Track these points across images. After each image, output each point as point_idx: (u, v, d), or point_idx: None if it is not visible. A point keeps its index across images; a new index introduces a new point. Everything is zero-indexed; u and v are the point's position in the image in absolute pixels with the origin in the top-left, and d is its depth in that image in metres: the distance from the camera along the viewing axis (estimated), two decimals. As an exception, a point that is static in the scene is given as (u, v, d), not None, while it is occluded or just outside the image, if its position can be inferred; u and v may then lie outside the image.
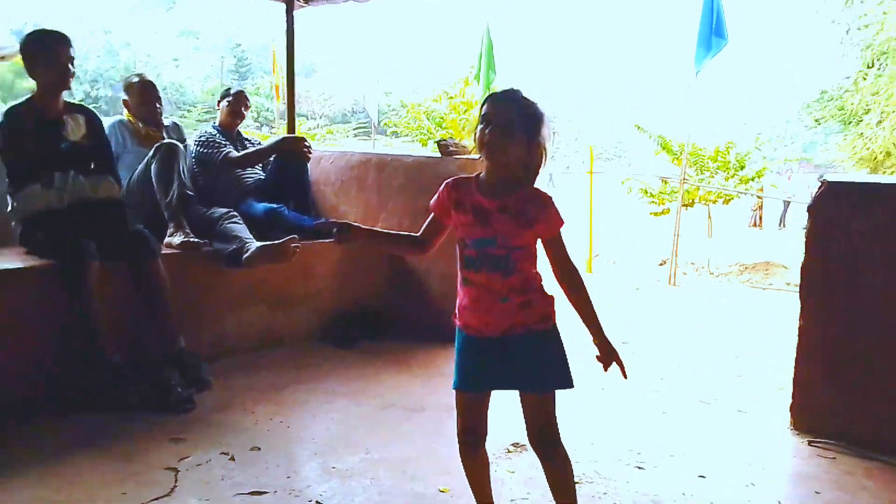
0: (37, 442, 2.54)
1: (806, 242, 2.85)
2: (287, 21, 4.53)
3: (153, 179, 3.39)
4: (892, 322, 2.69)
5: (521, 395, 1.84)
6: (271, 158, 4.07)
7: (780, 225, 19.59)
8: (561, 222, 1.79)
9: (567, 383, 1.82)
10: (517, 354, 1.79)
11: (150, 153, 3.42)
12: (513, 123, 1.73)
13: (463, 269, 1.82)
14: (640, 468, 2.54)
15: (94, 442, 2.54)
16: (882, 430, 2.70)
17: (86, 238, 2.88)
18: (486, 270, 1.76)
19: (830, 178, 2.82)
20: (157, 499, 2.15)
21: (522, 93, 1.79)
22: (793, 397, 2.95)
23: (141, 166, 3.44)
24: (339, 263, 4.02)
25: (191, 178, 3.64)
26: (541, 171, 1.82)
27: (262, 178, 4.09)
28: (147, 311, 3.06)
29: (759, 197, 16.65)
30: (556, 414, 1.83)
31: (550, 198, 1.78)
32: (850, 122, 19.01)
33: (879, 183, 2.80)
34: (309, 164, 4.18)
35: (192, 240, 3.33)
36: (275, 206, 3.83)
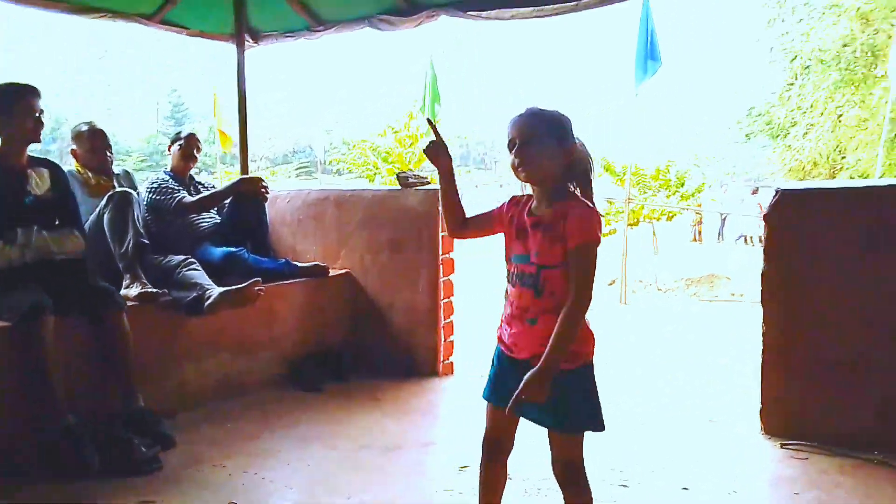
0: (-6, 515, 2.38)
1: (764, 249, 2.95)
2: (238, 62, 4.50)
3: (106, 229, 3.28)
4: (850, 321, 2.80)
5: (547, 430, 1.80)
6: (226, 202, 4.00)
7: (718, 238, 20.27)
8: (590, 235, 1.65)
9: (590, 425, 1.76)
10: None
11: (103, 202, 3.31)
12: (537, 135, 1.70)
13: (507, 282, 1.83)
14: (624, 486, 2.54)
15: (56, 511, 2.39)
16: (850, 427, 2.79)
17: (42, 293, 2.76)
18: (520, 286, 1.76)
19: (784, 186, 2.93)
20: (133, 565, 2.03)
21: (539, 106, 1.77)
22: (762, 402, 3.02)
23: (93, 217, 3.33)
24: (302, 305, 3.95)
25: (143, 226, 3.54)
26: (592, 170, 1.77)
27: (218, 221, 4.01)
28: (107, 368, 2.93)
29: (697, 213, 17.22)
30: (582, 454, 1.79)
31: (588, 209, 1.69)
32: (777, 136, 19.95)
33: (830, 188, 2.93)
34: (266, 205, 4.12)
35: (149, 290, 3.22)
36: (233, 249, 3.74)
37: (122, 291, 3.22)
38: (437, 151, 1.89)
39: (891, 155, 14.02)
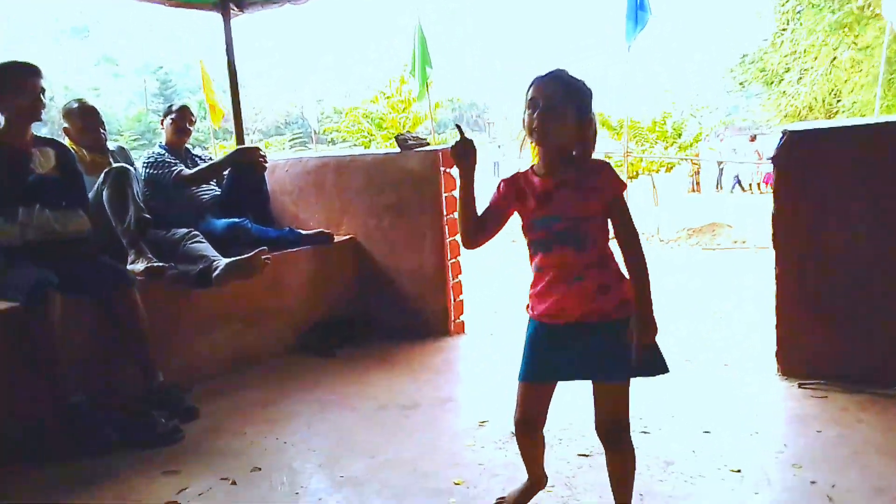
0: (19, 495, 2.37)
1: (774, 192, 2.92)
2: (225, 31, 4.40)
3: (106, 206, 3.23)
4: (862, 259, 2.78)
5: (593, 385, 1.78)
6: (225, 173, 3.94)
7: (716, 187, 20.23)
8: (622, 185, 1.73)
9: (652, 369, 1.74)
10: (592, 342, 1.72)
11: (100, 179, 3.26)
12: (560, 104, 1.68)
13: (534, 255, 1.78)
14: (645, 433, 2.55)
15: (81, 488, 2.38)
16: (867, 364, 2.79)
17: (47, 271, 2.73)
18: (559, 246, 1.72)
19: (791, 127, 2.89)
20: (163, 535, 2.04)
21: (568, 72, 1.74)
22: (777, 344, 3.02)
23: (91, 194, 3.27)
24: (309, 273, 3.92)
25: (143, 201, 3.49)
26: (595, 144, 1.77)
27: (218, 193, 3.96)
28: (123, 345, 2.92)
29: (695, 163, 17.13)
30: (629, 410, 1.77)
31: (608, 164, 1.76)
32: (772, 82, 19.74)
33: (838, 127, 2.89)
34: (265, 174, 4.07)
35: (155, 265, 3.18)
36: (236, 220, 3.70)
37: (128, 267, 3.19)
38: (467, 151, 1.78)
39: (887, 95, 13.88)
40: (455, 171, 1.85)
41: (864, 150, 2.76)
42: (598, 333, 1.72)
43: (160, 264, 3.21)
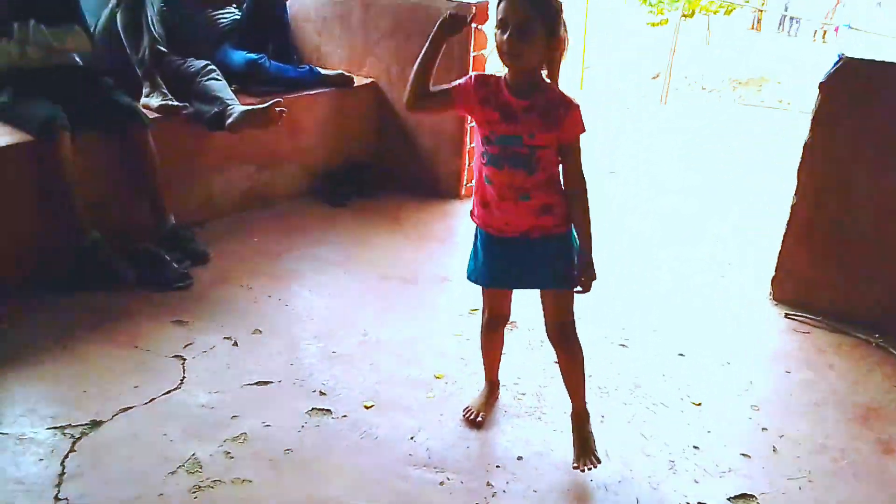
0: (37, 327, 2.51)
1: (813, 119, 2.75)
2: None
3: (121, 32, 3.12)
4: (883, 204, 2.70)
5: (541, 293, 1.96)
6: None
7: (779, 28, 18.87)
8: (582, 129, 1.78)
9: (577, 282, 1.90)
10: (536, 255, 1.87)
11: (114, 1, 3.11)
12: (531, 23, 1.66)
13: (485, 166, 1.83)
14: (623, 346, 2.66)
15: (96, 325, 2.54)
16: (860, 307, 2.81)
17: (55, 107, 2.72)
18: (511, 167, 1.79)
19: (850, 53, 2.65)
20: (168, 392, 2.24)
21: None
22: (776, 270, 3.03)
23: (104, 15, 3.14)
24: (326, 117, 3.85)
25: (161, 20, 3.34)
26: (563, 63, 1.79)
27: (238, 18, 3.77)
28: (135, 187, 2.98)
29: (759, 10, 15.82)
30: (574, 310, 1.95)
31: (577, 105, 1.77)
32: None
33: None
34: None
35: (171, 103, 3.14)
36: (255, 56, 3.57)
37: (143, 101, 3.16)
38: (456, 29, 1.81)
39: None
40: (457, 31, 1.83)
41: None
42: (540, 246, 1.86)
43: (176, 103, 3.16)
